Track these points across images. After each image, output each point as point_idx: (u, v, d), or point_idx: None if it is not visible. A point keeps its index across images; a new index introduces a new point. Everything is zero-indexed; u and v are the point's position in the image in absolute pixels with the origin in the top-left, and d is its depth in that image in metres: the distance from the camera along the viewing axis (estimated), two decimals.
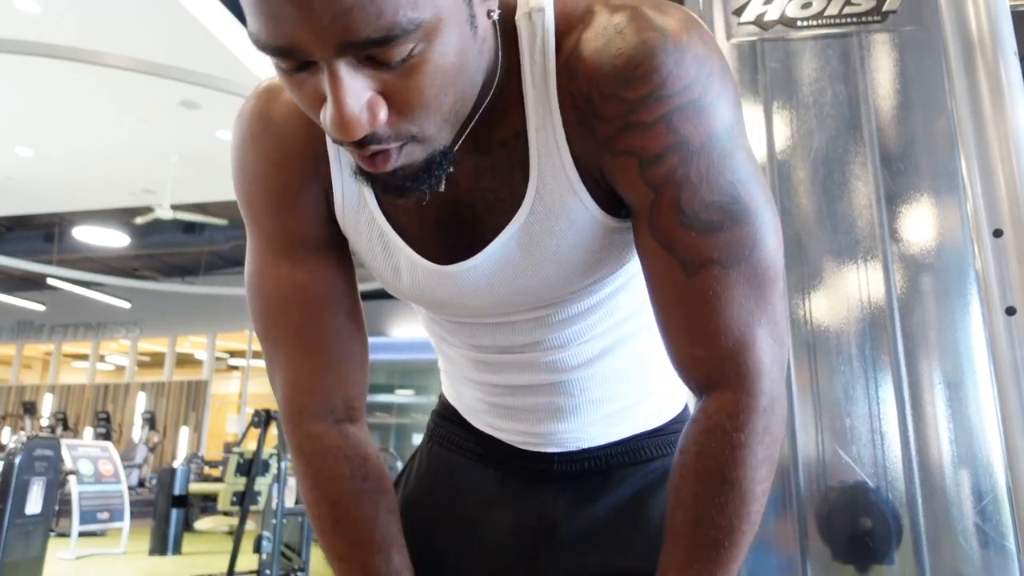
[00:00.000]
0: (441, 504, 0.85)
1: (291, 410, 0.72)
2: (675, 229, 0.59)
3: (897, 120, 1.19)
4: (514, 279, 0.67)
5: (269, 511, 4.40)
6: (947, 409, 1.11)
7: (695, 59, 0.56)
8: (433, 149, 0.55)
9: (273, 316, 0.71)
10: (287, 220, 0.70)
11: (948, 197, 1.16)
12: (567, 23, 0.60)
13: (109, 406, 13.40)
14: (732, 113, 0.59)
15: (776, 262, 0.61)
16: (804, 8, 1.25)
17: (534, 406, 0.79)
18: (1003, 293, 1.12)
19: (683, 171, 0.57)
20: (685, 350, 0.62)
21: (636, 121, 0.57)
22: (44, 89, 6.13)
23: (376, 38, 0.45)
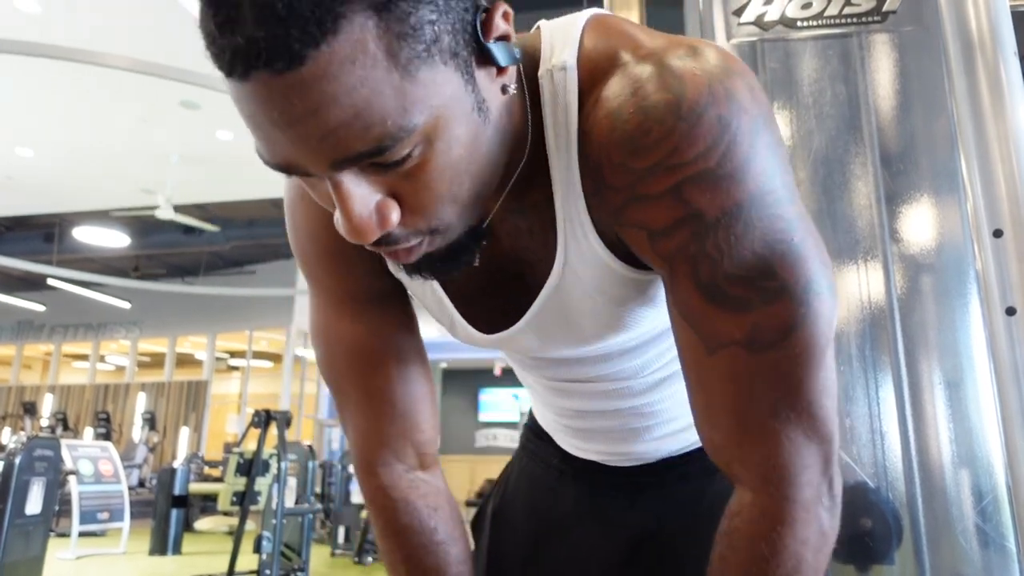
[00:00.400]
0: (528, 521, 0.86)
1: (363, 460, 0.73)
2: (694, 303, 0.54)
3: (897, 120, 1.19)
4: (560, 334, 0.66)
5: (269, 511, 4.40)
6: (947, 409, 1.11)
7: (715, 122, 0.50)
8: (458, 234, 0.53)
9: (339, 369, 0.73)
10: (342, 278, 0.70)
11: (948, 197, 1.16)
12: (591, 78, 0.55)
13: (109, 406, 13.40)
14: (765, 178, 0.51)
15: (820, 346, 0.53)
16: (804, 8, 1.25)
17: (607, 428, 0.79)
18: (1003, 293, 1.12)
19: (697, 246, 0.52)
20: (705, 431, 0.58)
21: (643, 193, 0.52)
22: (44, 89, 6.13)
23: (367, 151, 0.44)
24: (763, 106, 0.52)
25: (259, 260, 13.30)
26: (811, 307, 0.52)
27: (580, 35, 0.57)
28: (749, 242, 0.51)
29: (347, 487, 6.56)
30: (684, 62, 0.52)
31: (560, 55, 0.57)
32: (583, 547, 0.81)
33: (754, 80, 0.53)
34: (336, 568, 5.76)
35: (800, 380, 0.53)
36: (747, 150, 0.50)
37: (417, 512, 0.72)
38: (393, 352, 0.71)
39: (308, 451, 5.74)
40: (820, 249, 0.54)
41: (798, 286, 0.52)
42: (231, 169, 7.93)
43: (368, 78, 0.41)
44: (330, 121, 0.42)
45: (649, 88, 0.51)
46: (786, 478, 0.54)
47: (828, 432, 0.54)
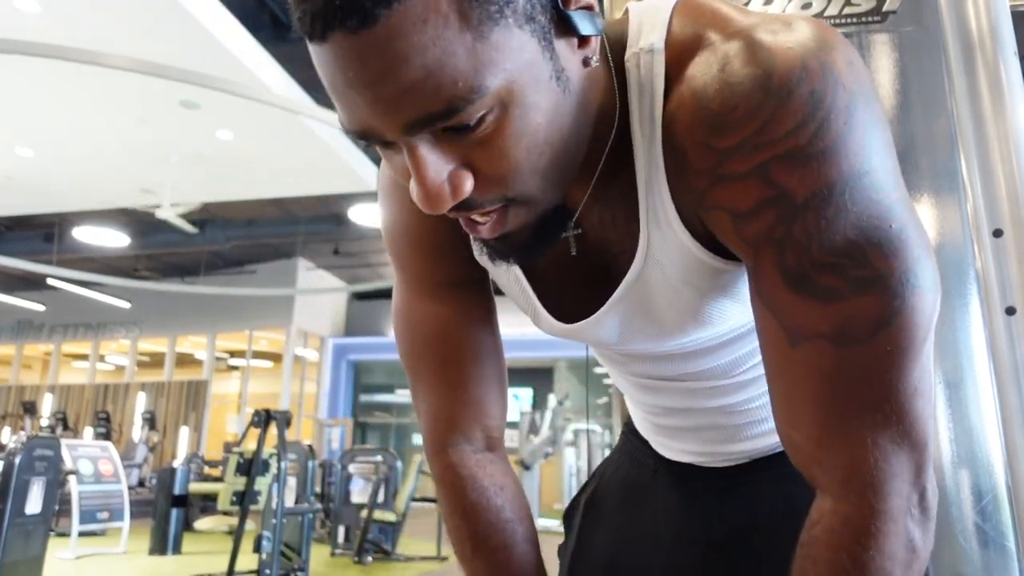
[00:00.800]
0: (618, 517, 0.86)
1: (433, 440, 0.75)
2: (779, 291, 0.50)
3: (897, 120, 1.19)
4: (641, 325, 0.65)
5: (269, 511, 4.40)
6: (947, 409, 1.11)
7: (808, 97, 0.46)
8: (542, 209, 0.52)
9: (419, 350, 0.74)
10: (430, 264, 0.72)
11: (948, 197, 1.16)
12: (678, 59, 0.53)
13: (109, 406, 13.40)
14: (862, 158, 0.47)
15: (915, 344, 0.48)
16: (804, 8, 1.25)
17: (696, 426, 0.77)
18: (1003, 293, 1.12)
19: (783, 229, 0.49)
20: (783, 429, 0.54)
21: (726, 173, 0.49)
22: (44, 89, 6.13)
23: (439, 112, 0.44)
24: (863, 82, 0.49)
25: (259, 260, 13.30)
26: (906, 301, 0.48)
27: (669, 17, 0.55)
28: (841, 227, 0.47)
29: (347, 487, 6.56)
30: (776, 36, 0.49)
31: (648, 37, 0.55)
32: (671, 546, 0.81)
33: (855, 54, 0.50)
34: (336, 568, 5.77)
35: (890, 380, 0.48)
36: (842, 127, 0.47)
37: (484, 490, 0.73)
38: (471, 339, 0.73)
39: (308, 451, 5.74)
40: (922, 239, 0.50)
41: (893, 277, 0.48)
42: (231, 169, 7.94)
43: (440, 37, 0.41)
44: (402, 81, 0.42)
45: (736, 64, 0.49)
46: (871, 485, 0.49)
47: (920, 438, 0.50)
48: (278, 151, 7.46)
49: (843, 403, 0.50)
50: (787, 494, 0.71)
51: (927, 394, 0.50)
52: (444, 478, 0.74)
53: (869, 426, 0.49)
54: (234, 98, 5.39)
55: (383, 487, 6.29)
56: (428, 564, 5.95)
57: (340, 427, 11.58)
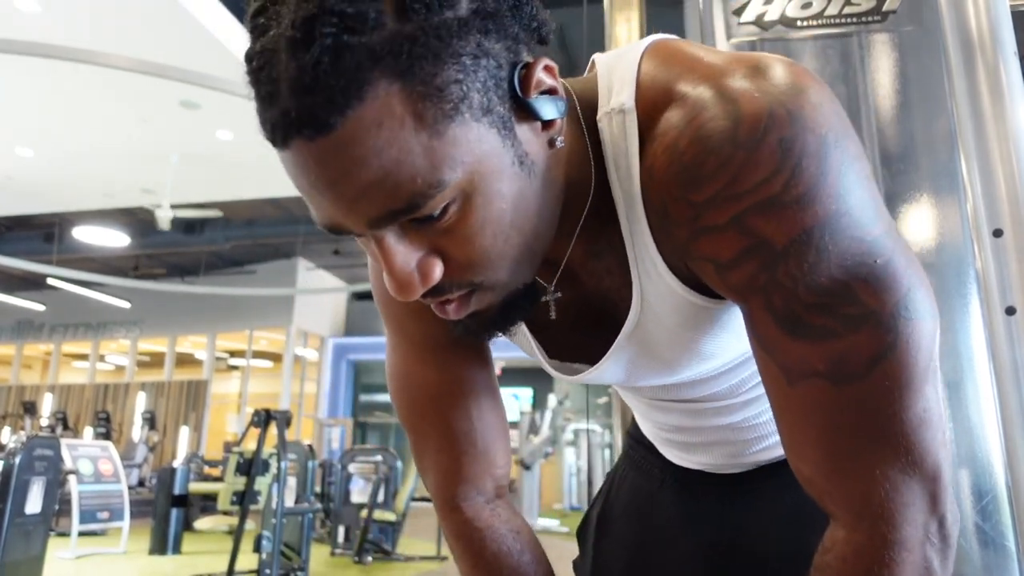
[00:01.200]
0: (630, 528, 0.88)
1: (444, 497, 0.76)
2: (772, 333, 0.51)
3: (897, 120, 1.19)
4: (646, 367, 0.67)
5: (269, 511, 4.40)
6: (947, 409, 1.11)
7: (777, 146, 0.47)
8: (508, 292, 0.54)
9: (420, 411, 0.76)
10: (427, 325, 0.71)
11: (948, 197, 1.16)
12: (649, 116, 0.54)
13: (109, 406, 13.40)
14: (838, 199, 0.47)
15: (915, 376, 0.49)
16: (804, 8, 1.25)
17: (708, 442, 0.79)
18: (1003, 293, 1.12)
19: (767, 276, 0.49)
20: (793, 463, 0.54)
21: (705, 225, 0.50)
22: (44, 89, 6.13)
23: (400, 208, 0.45)
24: (832, 121, 0.49)
25: (259, 260, 13.30)
26: (901, 334, 0.48)
27: (637, 71, 0.56)
28: (825, 268, 0.48)
29: (347, 487, 6.56)
30: (742, 83, 0.49)
31: (618, 97, 0.55)
32: (684, 555, 0.82)
33: (823, 94, 0.50)
34: (336, 568, 5.77)
35: (892, 414, 0.49)
36: (815, 172, 0.47)
37: (503, 538, 0.74)
38: (473, 393, 0.74)
39: (308, 451, 5.74)
40: (912, 269, 0.50)
41: (884, 312, 0.48)
42: (231, 169, 7.94)
43: (396, 139, 0.43)
44: (362, 181, 0.44)
45: (704, 116, 0.49)
46: (883, 516, 0.49)
47: (931, 467, 0.49)
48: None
49: (848, 439, 0.50)
50: (794, 500, 0.73)
51: (934, 422, 0.50)
52: (462, 532, 0.75)
53: (877, 460, 0.49)
54: (234, 98, 5.39)
55: (383, 487, 6.29)
56: (428, 564, 5.95)
57: (340, 427, 11.58)
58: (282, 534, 4.35)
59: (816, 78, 0.51)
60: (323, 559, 6.06)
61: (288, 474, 4.59)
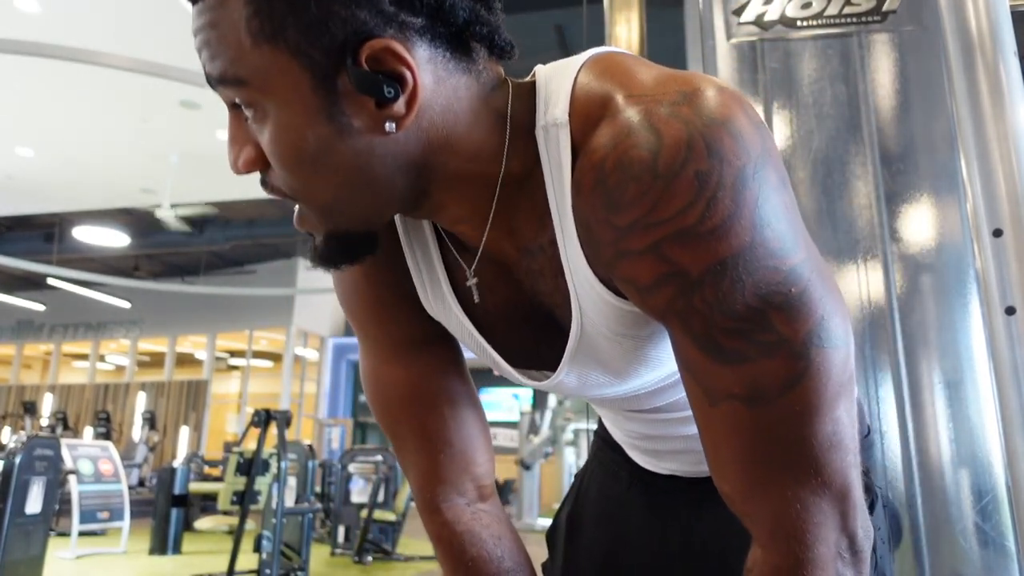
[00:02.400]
0: (600, 532, 0.88)
1: (425, 499, 0.76)
2: (692, 355, 0.53)
3: (897, 120, 1.19)
4: (596, 375, 0.67)
5: (269, 511, 4.40)
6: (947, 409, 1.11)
7: (693, 178, 0.48)
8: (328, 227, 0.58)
9: (395, 414, 0.76)
10: (389, 327, 0.73)
11: (948, 197, 1.16)
12: (583, 129, 0.55)
13: (109, 406, 13.40)
14: (754, 230, 0.49)
15: (825, 401, 0.51)
16: (804, 8, 1.25)
17: (673, 450, 0.81)
18: (1003, 293, 1.12)
19: (684, 301, 0.51)
20: (716, 481, 0.57)
21: (625, 249, 0.52)
22: (44, 89, 6.13)
23: (212, 75, 0.53)
24: (752, 153, 0.49)
25: (259, 260, 13.30)
26: (812, 361, 0.50)
27: (572, 85, 0.57)
28: (739, 296, 0.49)
29: (347, 487, 6.56)
30: (667, 110, 0.50)
31: (553, 110, 0.57)
32: (655, 557, 0.83)
33: (744, 122, 0.50)
34: (336, 568, 5.76)
35: (803, 437, 0.51)
36: (730, 204, 0.48)
37: (483, 543, 0.74)
38: (445, 392, 0.74)
39: (308, 450, 5.74)
40: (828, 298, 0.52)
41: (797, 340, 0.50)
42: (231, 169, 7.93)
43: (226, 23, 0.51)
44: (200, 40, 0.53)
45: (628, 142, 0.50)
46: (795, 536, 0.52)
47: (840, 487, 0.52)
48: None
49: (761, 460, 0.52)
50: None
51: (844, 445, 0.52)
52: (441, 535, 0.75)
53: (788, 481, 0.52)
54: None
55: (383, 487, 6.29)
56: (428, 564, 5.95)
57: (340, 427, 11.58)
58: (282, 534, 4.35)
59: (744, 103, 0.51)
60: (323, 559, 6.06)
61: (288, 474, 4.59)
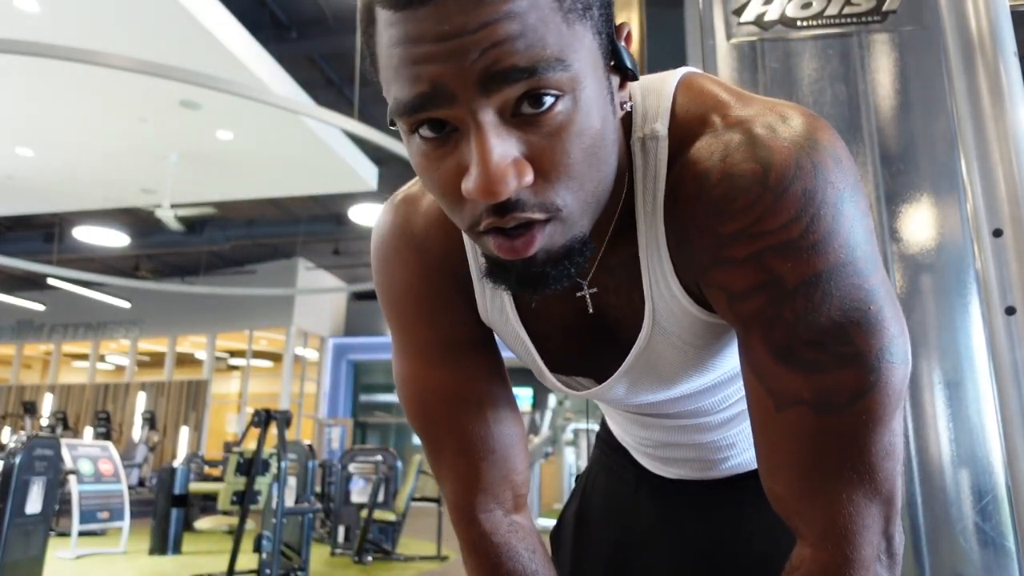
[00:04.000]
0: (607, 535, 0.90)
1: (462, 507, 0.73)
2: (766, 361, 0.56)
3: (897, 120, 1.19)
4: (647, 384, 0.69)
5: (269, 511, 4.40)
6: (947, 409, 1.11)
7: (801, 194, 0.51)
8: (573, 234, 0.52)
9: (433, 416, 0.73)
10: (439, 328, 0.71)
11: (948, 197, 1.16)
12: (680, 143, 0.57)
13: (109, 406, 13.40)
14: (847, 250, 0.52)
15: (887, 412, 0.54)
16: (804, 8, 1.25)
17: (686, 457, 0.83)
18: (1003, 293, 1.12)
19: (773, 311, 0.54)
20: (767, 482, 0.59)
21: (725, 257, 0.54)
22: (44, 89, 6.12)
23: (524, 67, 0.45)
24: (849, 177, 0.53)
25: (259, 260, 13.30)
26: (882, 374, 0.53)
27: (671, 100, 0.59)
28: (826, 309, 0.52)
29: (347, 487, 6.56)
30: (773, 132, 0.53)
31: (652, 124, 0.59)
32: (663, 557, 0.84)
33: (842, 150, 0.54)
34: (336, 568, 5.76)
35: (865, 443, 0.54)
36: (830, 223, 0.52)
37: (519, 556, 0.72)
38: (488, 397, 0.73)
39: (308, 450, 5.74)
40: (898, 318, 0.55)
41: (871, 354, 0.53)
42: (231, 169, 7.94)
43: (538, 5, 0.45)
44: (499, 32, 0.44)
45: (737, 156, 0.53)
46: (846, 537, 0.54)
47: (889, 493, 0.55)
48: (278, 151, 7.46)
49: (821, 463, 0.55)
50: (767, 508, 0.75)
51: (896, 455, 0.56)
52: (478, 547, 0.73)
53: (845, 484, 0.55)
54: (234, 98, 5.39)
55: (383, 487, 6.29)
56: (428, 564, 5.95)
57: (340, 427, 11.59)
58: (282, 534, 4.35)
59: (835, 133, 0.55)
60: (323, 559, 6.06)
61: (288, 474, 4.59)
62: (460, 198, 0.49)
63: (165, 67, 4.43)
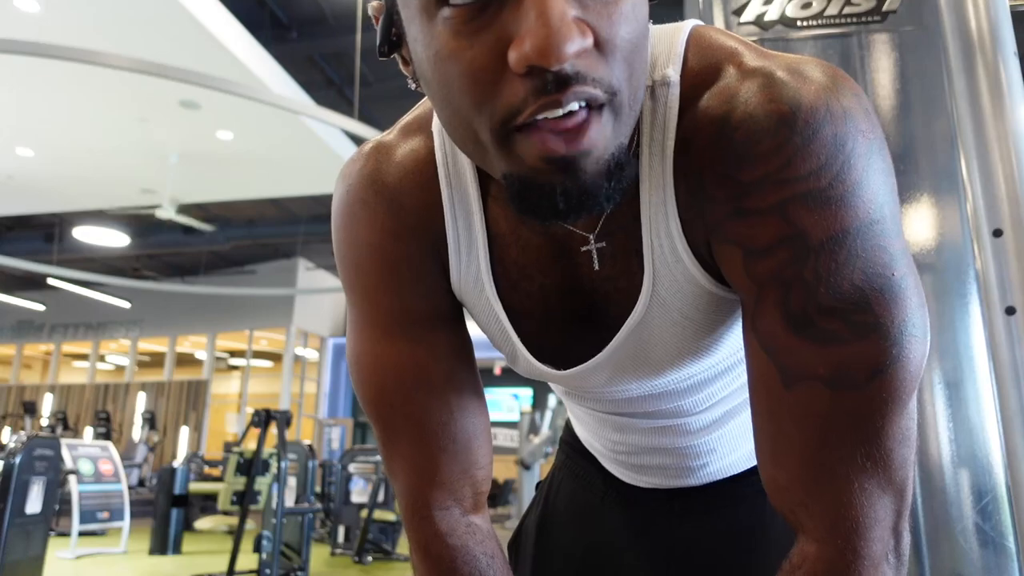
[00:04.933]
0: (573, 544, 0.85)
1: (416, 502, 0.65)
2: (778, 331, 0.50)
3: (897, 120, 1.19)
4: (633, 368, 0.63)
5: (269, 511, 4.40)
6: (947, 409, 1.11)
7: (831, 140, 0.47)
8: (620, 142, 0.46)
9: (390, 398, 0.64)
10: (405, 295, 0.63)
11: (948, 197, 1.16)
12: (693, 91, 0.52)
13: (109, 406, 13.40)
14: (875, 206, 0.48)
15: (906, 391, 0.49)
16: (804, 8, 1.25)
17: (659, 464, 0.77)
18: (1003, 293, 1.12)
19: (795, 269, 0.48)
20: (769, 470, 0.54)
21: (746, 207, 0.49)
22: (44, 89, 6.13)
23: None
24: (878, 129, 0.49)
25: (259, 260, 13.30)
26: (903, 349, 0.48)
27: (684, 48, 0.54)
28: (849, 272, 0.48)
29: (347, 487, 6.56)
30: (797, 76, 0.49)
31: (662, 70, 0.54)
32: (630, 567, 0.80)
33: (868, 102, 0.50)
34: (336, 568, 5.76)
35: (881, 426, 0.49)
36: (860, 174, 0.47)
37: (476, 561, 0.64)
38: (453, 380, 0.64)
39: (308, 451, 5.74)
40: (919, 289, 0.50)
41: (893, 325, 0.48)
42: (231, 169, 7.94)
43: None
44: None
45: (760, 97, 0.49)
46: (856, 531, 0.49)
47: (902, 484, 0.51)
48: (278, 151, 7.46)
49: (833, 447, 0.50)
50: (738, 517, 0.73)
51: (911, 442, 0.51)
52: (430, 548, 0.64)
53: (857, 470, 0.49)
54: (234, 98, 5.39)
55: (383, 487, 6.28)
56: None
57: (340, 427, 11.58)
58: (282, 534, 4.35)
59: (859, 86, 0.51)
60: (323, 559, 6.06)
61: (288, 474, 4.59)
62: (495, 85, 0.43)
63: (165, 67, 4.43)
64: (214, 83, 4.57)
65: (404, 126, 0.65)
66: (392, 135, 0.64)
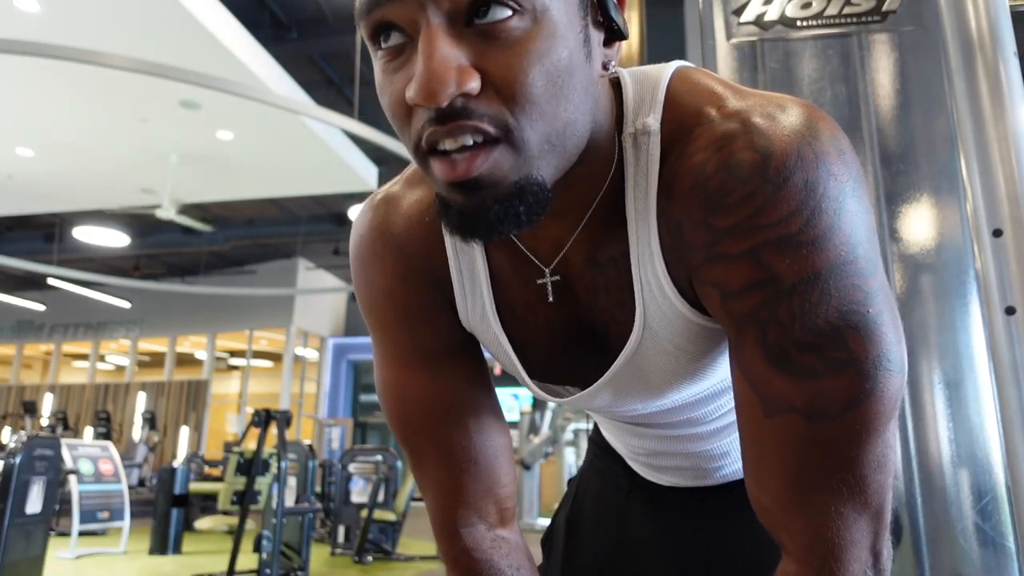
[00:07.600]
0: (598, 541, 0.88)
1: (444, 520, 0.71)
2: (758, 365, 0.53)
3: (897, 120, 1.19)
4: (635, 391, 0.66)
5: (269, 511, 4.40)
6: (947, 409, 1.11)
7: (802, 185, 0.48)
8: (528, 173, 0.48)
9: (414, 425, 0.70)
10: (418, 333, 0.69)
11: (948, 197, 1.16)
12: (672, 136, 0.55)
13: (109, 406, 13.40)
14: (848, 247, 0.49)
15: (881, 422, 0.51)
16: (804, 8, 1.25)
17: (677, 466, 0.81)
18: (1003, 293, 1.12)
19: (770, 310, 0.51)
20: (754, 491, 0.57)
21: (721, 253, 0.51)
22: (44, 89, 6.13)
23: None
24: (852, 171, 0.51)
25: (259, 260, 13.30)
26: (878, 383, 0.50)
27: (664, 93, 0.57)
28: (824, 310, 0.50)
29: (347, 487, 6.56)
30: (772, 121, 0.51)
31: (643, 118, 0.56)
32: (655, 563, 0.83)
33: (844, 141, 0.52)
34: (336, 568, 5.76)
35: (856, 454, 0.51)
36: (831, 218, 0.49)
37: (501, 574, 0.69)
38: (471, 406, 0.70)
39: (308, 450, 5.74)
40: (896, 324, 0.52)
41: (867, 360, 0.50)
42: (231, 169, 7.94)
43: None
44: None
45: (734, 146, 0.50)
46: (832, 552, 0.52)
47: (879, 507, 0.53)
48: (278, 151, 7.46)
49: (811, 473, 0.52)
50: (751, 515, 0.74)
51: (888, 467, 0.53)
52: (458, 562, 0.70)
53: (834, 496, 0.52)
54: (234, 98, 5.39)
55: (383, 487, 6.28)
56: (428, 564, 5.95)
57: (340, 427, 11.58)
58: (282, 534, 4.35)
59: (836, 125, 0.53)
60: (323, 559, 6.06)
61: (288, 474, 4.59)
62: (408, 115, 0.48)
63: (165, 67, 4.43)
64: (214, 83, 4.57)
65: (408, 177, 0.70)
66: (398, 186, 0.70)
